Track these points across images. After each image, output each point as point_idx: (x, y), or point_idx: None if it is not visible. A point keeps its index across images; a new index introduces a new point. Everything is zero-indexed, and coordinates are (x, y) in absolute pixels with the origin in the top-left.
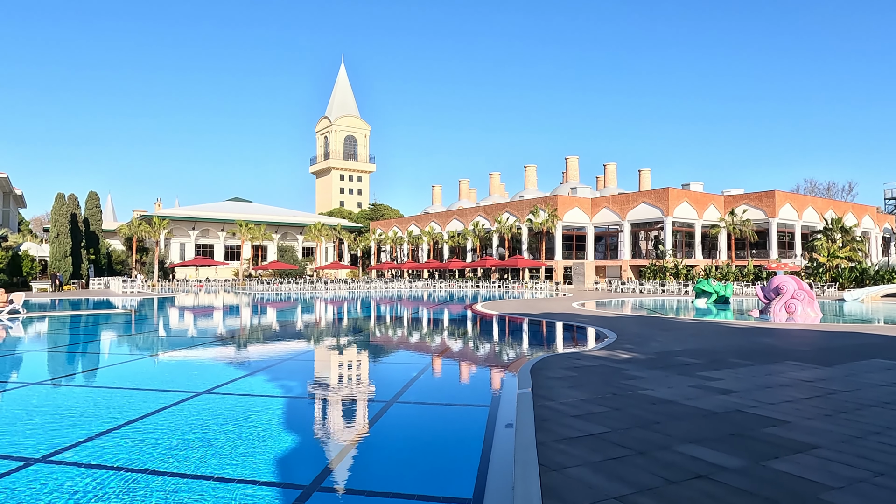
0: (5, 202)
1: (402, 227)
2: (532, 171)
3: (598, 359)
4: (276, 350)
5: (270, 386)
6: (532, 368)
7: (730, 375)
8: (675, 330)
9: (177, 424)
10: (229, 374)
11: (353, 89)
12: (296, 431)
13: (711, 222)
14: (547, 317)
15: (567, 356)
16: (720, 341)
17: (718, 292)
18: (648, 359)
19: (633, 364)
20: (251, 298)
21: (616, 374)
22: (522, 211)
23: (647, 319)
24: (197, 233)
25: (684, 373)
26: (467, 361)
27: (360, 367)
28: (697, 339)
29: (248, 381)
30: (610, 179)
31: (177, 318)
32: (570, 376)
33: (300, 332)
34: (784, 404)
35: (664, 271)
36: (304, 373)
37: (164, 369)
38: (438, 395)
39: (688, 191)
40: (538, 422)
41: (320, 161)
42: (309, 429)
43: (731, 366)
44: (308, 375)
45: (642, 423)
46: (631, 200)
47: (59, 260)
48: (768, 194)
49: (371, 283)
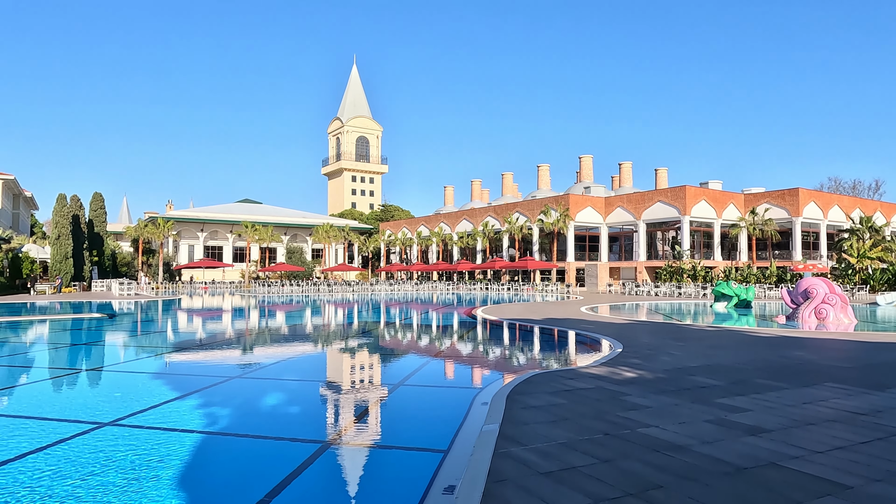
0: (15, 204)
1: (411, 228)
2: (545, 171)
3: (595, 378)
4: (229, 364)
5: (194, 416)
6: (511, 392)
7: (758, 404)
8: (691, 340)
9: (41, 478)
10: (154, 398)
11: (364, 90)
12: (193, 486)
13: (731, 222)
14: (549, 323)
15: (558, 374)
16: (743, 354)
17: (739, 296)
18: (657, 378)
19: (638, 386)
20: (246, 302)
21: (614, 401)
22: (533, 211)
23: (660, 327)
24: (206, 234)
25: (700, 399)
26: (438, 382)
27: (297, 397)
28: (717, 351)
29: (173, 406)
30: (625, 179)
31: (144, 325)
32: (556, 404)
33: (266, 340)
34: (836, 453)
35: (681, 273)
36: (242, 397)
37: (78, 389)
38: (386, 434)
39: (706, 189)
40: (491, 484)
41: (332, 163)
42: (211, 480)
43: (757, 389)
44: (243, 400)
45: (639, 486)
46: (646, 199)
47: (59, 262)
48: (791, 192)
49: (375, 286)
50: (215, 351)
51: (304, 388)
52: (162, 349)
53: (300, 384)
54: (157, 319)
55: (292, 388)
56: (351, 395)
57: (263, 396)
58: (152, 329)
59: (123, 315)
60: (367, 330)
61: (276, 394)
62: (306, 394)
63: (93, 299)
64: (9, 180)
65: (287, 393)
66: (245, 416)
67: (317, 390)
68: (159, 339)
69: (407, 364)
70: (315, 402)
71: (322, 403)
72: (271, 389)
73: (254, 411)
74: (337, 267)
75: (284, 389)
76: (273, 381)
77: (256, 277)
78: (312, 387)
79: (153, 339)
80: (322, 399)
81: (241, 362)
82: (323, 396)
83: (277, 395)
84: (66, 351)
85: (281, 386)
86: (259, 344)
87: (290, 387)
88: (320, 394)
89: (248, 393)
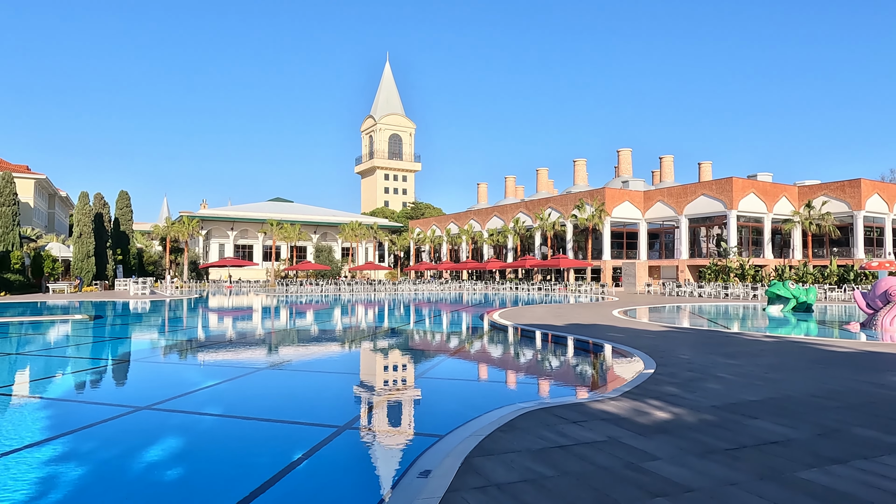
0: (50, 204)
1: (440, 225)
2: (582, 166)
3: (609, 422)
4: (147, 393)
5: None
6: (472, 454)
7: (873, 483)
8: (745, 355)
9: None
10: (23, 437)
11: (398, 87)
12: None
13: (783, 216)
14: (570, 331)
15: (557, 414)
16: (820, 380)
17: (798, 298)
18: (701, 423)
19: (673, 439)
20: (260, 301)
21: (632, 471)
22: (567, 206)
23: (704, 336)
24: (236, 233)
25: (774, 472)
26: (382, 428)
27: (214, 436)
28: (782, 374)
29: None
30: (666, 174)
31: (120, 330)
32: (535, 481)
33: (244, 344)
34: None
35: (727, 272)
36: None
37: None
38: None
39: (755, 181)
40: None
41: (365, 161)
42: None
43: (861, 447)
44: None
45: None
46: (689, 193)
47: (81, 260)
48: (852, 183)
49: (399, 285)
50: (162, 364)
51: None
52: (114, 360)
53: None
54: (144, 323)
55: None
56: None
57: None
58: (122, 334)
59: (114, 317)
60: (337, 338)
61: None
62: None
63: (107, 299)
64: (41, 180)
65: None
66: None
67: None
68: (121, 348)
69: (353, 396)
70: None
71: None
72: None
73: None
74: (364, 266)
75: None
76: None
77: (284, 276)
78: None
79: (113, 348)
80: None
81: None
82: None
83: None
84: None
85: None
86: (217, 358)
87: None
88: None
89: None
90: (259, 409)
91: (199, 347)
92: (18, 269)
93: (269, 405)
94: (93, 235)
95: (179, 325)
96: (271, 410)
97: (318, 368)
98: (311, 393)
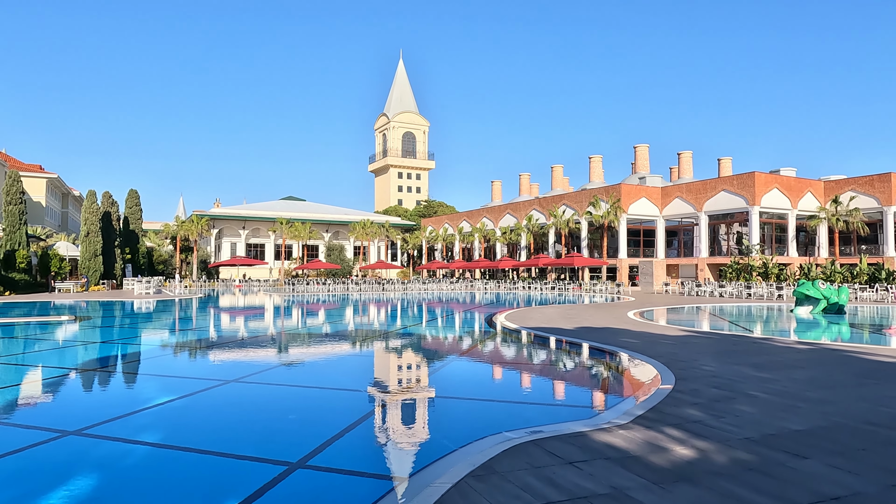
0: (63, 203)
1: (453, 223)
2: (597, 162)
3: (615, 462)
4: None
5: None
6: None
7: None
8: (778, 367)
9: None
10: None
11: (411, 84)
12: None
13: (809, 212)
14: (581, 335)
15: (549, 450)
16: (876, 401)
17: (829, 298)
18: (734, 462)
19: (695, 496)
20: (261, 302)
21: None
22: (582, 203)
23: (729, 342)
24: (247, 232)
25: None
26: (335, 468)
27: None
28: (827, 393)
29: None
30: (685, 170)
31: (100, 333)
32: None
33: (224, 345)
34: None
35: (749, 271)
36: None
37: None
38: None
39: (778, 176)
40: None
41: (379, 159)
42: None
43: None
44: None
45: None
46: (708, 188)
47: (88, 259)
48: (882, 178)
49: (409, 284)
50: (124, 374)
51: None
52: (69, 368)
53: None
54: (130, 325)
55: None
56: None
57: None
58: (96, 338)
59: (102, 318)
60: (325, 341)
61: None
62: None
63: (111, 298)
64: (53, 179)
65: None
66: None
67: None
68: (86, 354)
69: (315, 420)
70: None
71: None
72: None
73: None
74: (376, 265)
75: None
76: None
77: (295, 275)
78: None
79: (74, 356)
80: None
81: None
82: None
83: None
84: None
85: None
86: (183, 367)
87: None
88: None
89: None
90: (202, 437)
91: (174, 353)
92: (24, 268)
93: (215, 431)
94: (100, 234)
95: (170, 326)
96: (214, 440)
97: (283, 381)
98: (268, 415)
